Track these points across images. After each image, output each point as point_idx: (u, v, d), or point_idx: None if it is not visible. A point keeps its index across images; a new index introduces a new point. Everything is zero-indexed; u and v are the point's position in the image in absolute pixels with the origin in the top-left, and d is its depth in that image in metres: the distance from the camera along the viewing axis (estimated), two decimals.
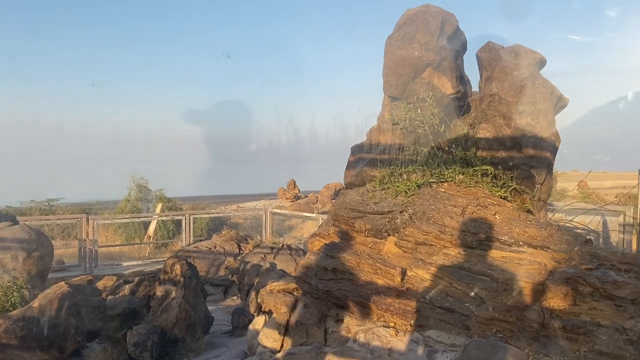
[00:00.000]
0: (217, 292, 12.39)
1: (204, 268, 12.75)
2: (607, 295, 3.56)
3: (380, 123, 6.52)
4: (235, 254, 13.52)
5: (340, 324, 4.75)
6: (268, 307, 5.29)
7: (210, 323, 8.65)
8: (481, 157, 5.44)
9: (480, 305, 4.05)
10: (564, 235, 4.45)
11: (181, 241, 15.40)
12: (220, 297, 12.27)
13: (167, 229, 19.42)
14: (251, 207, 25.63)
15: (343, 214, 5.50)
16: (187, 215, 15.50)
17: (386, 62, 6.03)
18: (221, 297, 12.25)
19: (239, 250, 13.93)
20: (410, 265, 4.65)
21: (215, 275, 12.72)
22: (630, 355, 3.30)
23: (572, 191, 21.78)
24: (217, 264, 12.99)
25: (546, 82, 5.46)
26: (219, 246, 13.89)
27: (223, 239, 14.39)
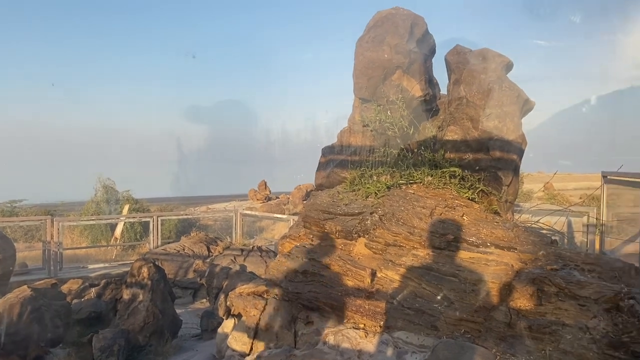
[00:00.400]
0: (185, 295, 12.23)
1: (172, 271, 12.55)
2: (572, 295, 3.64)
3: (350, 125, 6.53)
4: (204, 257, 13.36)
5: (311, 326, 4.73)
6: (237, 310, 5.23)
7: (179, 326, 8.52)
8: (449, 159, 5.51)
9: (449, 306, 4.09)
10: (530, 236, 4.53)
11: (149, 243, 15.15)
12: (189, 300, 12.11)
13: (134, 231, 19.10)
14: (221, 208, 25.40)
15: (314, 215, 5.49)
16: (155, 217, 15.24)
17: (356, 64, 6.05)
18: (190, 300, 12.09)
19: (208, 252, 13.77)
20: (380, 267, 4.67)
21: (184, 278, 12.54)
22: (594, 353, 3.38)
23: (538, 192, 22.28)
24: (186, 267, 12.81)
25: (513, 85, 5.57)
26: (188, 248, 13.70)
27: (192, 241, 14.20)
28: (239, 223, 16.16)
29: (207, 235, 15.29)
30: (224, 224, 20.42)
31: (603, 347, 3.37)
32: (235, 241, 15.49)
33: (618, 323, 3.39)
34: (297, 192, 28.08)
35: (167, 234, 18.30)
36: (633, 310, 3.37)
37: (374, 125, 6.01)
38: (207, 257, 13.25)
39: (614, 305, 3.47)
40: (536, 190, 21.85)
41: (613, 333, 3.38)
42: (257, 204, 28.62)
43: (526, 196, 19.56)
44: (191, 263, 12.79)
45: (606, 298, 3.51)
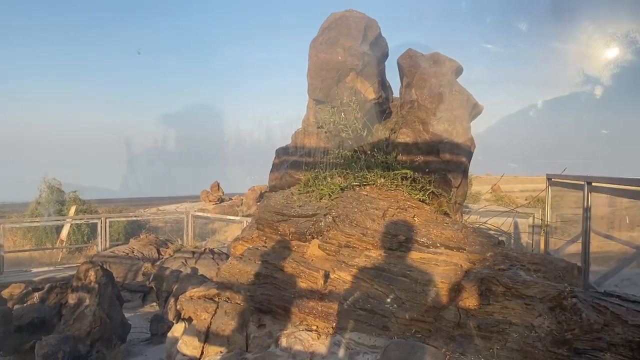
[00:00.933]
0: (134, 298, 11.96)
1: (121, 274, 12.24)
2: (518, 295, 3.75)
3: (305, 126, 6.53)
4: (154, 259, 13.08)
5: (263, 329, 4.69)
6: (188, 314, 5.13)
7: (127, 331, 8.31)
8: (401, 161, 5.59)
9: (400, 306, 4.14)
10: (478, 237, 4.64)
11: (96, 246, 14.70)
12: (138, 303, 11.85)
13: (81, 233, 18.51)
14: (172, 210, 24.89)
15: (267, 217, 5.45)
16: (103, 218, 14.81)
17: (310, 65, 6.05)
18: (139, 304, 11.84)
19: (158, 255, 13.49)
20: (333, 268, 4.68)
21: (133, 281, 12.26)
22: (539, 351, 3.49)
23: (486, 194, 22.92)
24: (135, 270, 12.52)
25: (462, 89, 5.70)
26: (137, 251, 13.38)
27: (141, 244, 13.88)
28: (190, 225, 15.90)
29: (157, 237, 15.00)
30: (175, 226, 20.03)
31: (547, 344, 3.48)
32: (186, 244, 15.24)
33: (561, 321, 3.52)
34: (250, 194, 27.86)
35: (115, 236, 17.82)
36: (575, 309, 3.50)
37: (328, 127, 6.02)
38: (157, 260, 12.99)
39: (557, 303, 3.59)
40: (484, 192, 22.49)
41: (557, 331, 3.50)
42: (210, 206, 28.21)
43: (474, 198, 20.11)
44: (140, 266, 12.52)
45: (550, 297, 3.63)
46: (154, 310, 10.41)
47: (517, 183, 30.10)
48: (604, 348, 3.36)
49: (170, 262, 12.12)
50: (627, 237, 11.25)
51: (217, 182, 30.75)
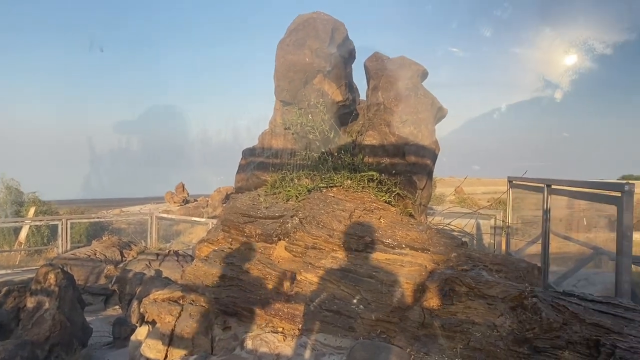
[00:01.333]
0: (97, 301, 11.70)
1: (83, 276, 11.96)
2: (481, 295, 3.83)
3: (272, 127, 6.51)
4: (117, 261, 12.81)
5: (228, 331, 4.65)
6: (151, 317, 5.04)
7: (89, 335, 8.11)
8: (368, 163, 5.64)
9: (366, 307, 4.17)
10: (442, 238, 4.72)
11: (57, 248, 14.32)
12: (100, 307, 11.60)
13: (41, 235, 18.01)
14: (136, 211, 24.45)
15: (233, 218, 5.41)
16: (64, 219, 14.42)
17: (278, 67, 6.04)
18: (101, 307, 11.58)
19: (121, 257, 13.22)
20: (299, 270, 4.68)
21: (95, 284, 11.98)
22: (501, 350, 3.57)
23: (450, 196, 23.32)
24: (97, 272, 12.24)
25: (428, 93, 5.79)
26: (100, 253, 13.08)
27: (104, 246, 13.57)
28: (154, 227, 15.65)
29: (121, 239, 14.70)
30: (139, 227, 19.66)
31: (509, 343, 3.56)
32: (150, 245, 14.99)
33: (522, 320, 3.61)
34: (216, 195, 27.61)
35: (77, 238, 17.40)
36: (536, 308, 3.59)
37: (295, 129, 6.02)
38: (120, 262, 12.74)
39: (519, 303, 3.68)
40: (448, 194, 22.87)
41: (518, 330, 3.58)
42: (174, 207, 27.82)
43: (439, 199, 20.44)
44: (103, 268, 12.25)
45: (512, 297, 3.72)
46: (117, 314, 10.21)
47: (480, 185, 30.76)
48: (563, 346, 3.47)
49: (133, 265, 11.89)
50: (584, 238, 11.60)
51: (182, 183, 30.37)
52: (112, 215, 21.12)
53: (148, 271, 11.06)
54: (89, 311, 10.36)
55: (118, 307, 10.74)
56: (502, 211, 9.60)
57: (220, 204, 24.66)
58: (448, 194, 22.91)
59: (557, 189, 6.73)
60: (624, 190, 5.01)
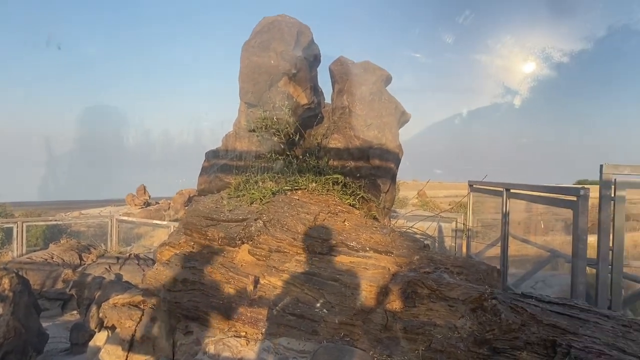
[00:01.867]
0: (53, 307, 11.38)
1: (39, 281, 11.60)
2: (442, 297, 3.88)
3: (236, 129, 6.46)
4: (75, 265, 12.47)
5: (190, 336, 4.58)
6: (111, 322, 4.92)
7: (45, 341, 7.87)
8: (332, 166, 5.65)
9: (330, 310, 4.17)
10: (405, 241, 4.77)
11: (12, 251, 13.84)
12: (57, 312, 11.29)
13: None
14: (95, 214, 23.84)
15: (195, 221, 5.34)
16: (20, 222, 13.99)
17: (242, 68, 6.00)
18: (59, 312, 11.28)
19: (80, 261, 12.88)
20: (263, 273, 4.65)
21: (52, 288, 11.63)
22: (461, 351, 3.62)
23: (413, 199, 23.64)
24: (54, 276, 11.88)
25: (391, 97, 5.85)
26: (57, 257, 12.71)
27: (62, 249, 13.20)
28: (114, 230, 15.32)
29: (79, 242, 14.34)
30: (99, 230, 19.18)
31: (469, 344, 3.63)
32: (110, 249, 14.65)
33: (482, 322, 3.67)
34: (178, 198, 27.25)
35: (33, 241, 16.84)
36: (495, 310, 3.66)
37: (260, 131, 5.99)
38: (79, 266, 12.40)
39: (479, 305, 3.75)
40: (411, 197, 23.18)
41: (478, 331, 3.65)
42: (135, 210, 27.30)
43: (402, 203, 20.69)
44: (60, 272, 11.91)
45: (472, 299, 3.78)
46: (75, 319, 9.94)
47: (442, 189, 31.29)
48: (521, 347, 3.55)
49: (93, 268, 11.61)
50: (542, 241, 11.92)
51: (143, 186, 29.85)
52: (71, 218, 20.54)
53: (108, 275, 10.81)
54: (46, 317, 10.06)
55: (76, 313, 10.45)
56: (463, 214, 9.78)
57: (183, 207, 24.34)
58: (411, 198, 23.22)
59: (516, 193, 6.90)
60: (580, 194, 5.18)
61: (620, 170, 5.34)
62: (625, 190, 5.30)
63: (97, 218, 19.44)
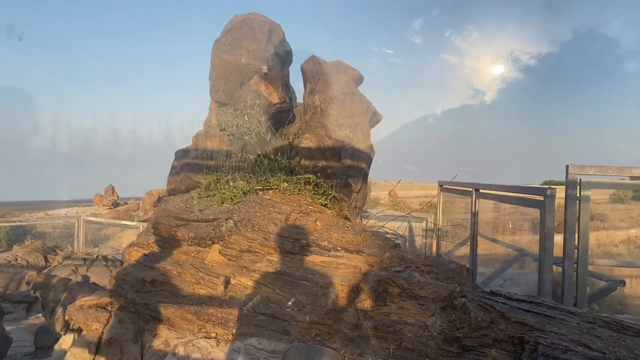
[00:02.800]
0: (17, 309, 11.10)
1: (2, 283, 11.32)
2: (413, 295, 3.90)
3: (207, 128, 6.38)
4: (41, 267, 12.17)
5: (159, 338, 4.50)
6: (77, 325, 4.81)
7: (9, 345, 7.65)
8: (304, 165, 5.64)
9: (301, 310, 4.15)
10: (376, 240, 4.79)
11: None
12: (21, 315, 11.01)
13: None
14: (62, 214, 23.32)
15: (165, 222, 5.25)
16: None
17: (213, 66, 5.93)
18: (23, 315, 11.00)
19: (45, 262, 12.59)
20: (234, 274, 4.60)
21: (16, 291, 11.34)
22: (432, 349, 3.65)
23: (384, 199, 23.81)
24: (19, 279, 11.58)
25: (363, 97, 5.87)
26: (21, 258, 12.39)
27: (26, 250, 12.87)
28: (81, 230, 15.00)
29: (45, 243, 14.01)
30: (65, 231, 18.76)
31: (440, 342, 3.66)
32: (77, 250, 14.34)
33: (452, 320, 3.71)
34: (148, 198, 26.88)
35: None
36: (465, 308, 3.70)
37: (231, 130, 5.93)
38: (45, 268, 12.11)
39: (449, 303, 3.79)
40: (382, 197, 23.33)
41: (448, 329, 3.68)
42: (104, 210, 26.81)
43: (373, 202, 20.82)
44: (25, 275, 11.60)
45: (442, 297, 3.82)
46: (40, 322, 9.71)
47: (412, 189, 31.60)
48: (490, 344, 3.59)
49: (59, 270, 11.34)
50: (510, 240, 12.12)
51: (111, 186, 29.37)
52: (36, 219, 20.06)
53: (75, 277, 10.57)
54: (9, 320, 9.81)
55: (41, 316, 10.21)
56: (433, 214, 9.88)
57: (152, 207, 24.00)
58: (382, 197, 23.39)
59: (485, 192, 7.00)
60: (547, 194, 5.28)
61: (586, 170, 5.47)
62: (590, 190, 5.43)
63: (63, 219, 19.03)
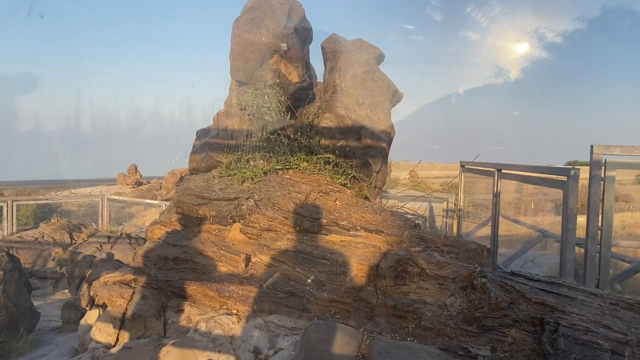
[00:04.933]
0: (45, 285, 11.40)
1: (30, 260, 11.60)
2: (432, 275, 3.91)
3: (227, 108, 6.39)
4: (66, 244, 12.45)
5: (181, 314, 4.59)
6: (102, 300, 4.93)
7: (36, 319, 7.89)
8: (324, 145, 5.63)
9: (320, 288, 4.19)
10: (396, 220, 4.78)
11: (2, 230, 13.79)
12: (48, 291, 11.31)
13: None
14: (86, 193, 23.75)
15: (187, 200, 5.32)
16: (10, 201, 13.89)
17: (233, 46, 5.91)
18: (50, 291, 11.29)
19: (71, 240, 12.86)
20: (254, 252, 4.65)
21: (43, 267, 11.64)
22: (451, 329, 3.66)
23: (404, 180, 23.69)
24: (45, 255, 11.88)
25: (384, 76, 5.81)
26: (48, 236, 12.68)
27: (52, 228, 13.16)
28: (105, 209, 15.28)
29: (70, 221, 14.30)
30: (90, 210, 19.13)
31: (459, 322, 3.67)
32: (101, 228, 14.62)
33: (472, 300, 3.71)
34: (170, 177, 27.17)
35: (24, 220, 16.79)
36: (485, 288, 3.70)
37: (251, 109, 5.93)
38: (70, 245, 12.39)
39: (468, 283, 3.78)
40: (402, 177, 23.22)
41: (467, 309, 3.69)
42: (127, 189, 27.21)
43: (393, 183, 20.75)
44: (51, 251, 11.90)
45: (462, 277, 3.82)
46: (66, 298, 9.97)
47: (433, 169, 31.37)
48: (510, 324, 3.59)
49: (84, 247, 11.60)
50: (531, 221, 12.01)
51: (134, 165, 29.74)
52: (62, 197, 20.46)
53: (99, 254, 10.81)
54: (37, 295, 10.09)
55: (67, 291, 10.48)
56: (454, 194, 9.83)
57: (174, 186, 24.28)
58: (402, 178, 23.26)
59: (507, 173, 6.92)
60: (570, 175, 5.20)
61: (611, 150, 5.37)
62: (615, 171, 5.34)
63: (88, 197, 19.38)
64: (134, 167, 29.76)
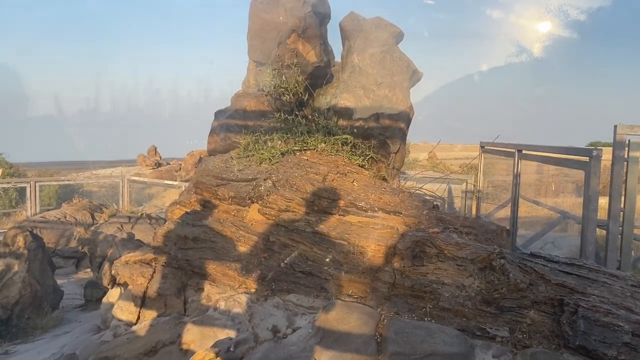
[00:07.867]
0: (68, 264, 11.65)
1: (53, 239, 11.84)
2: (451, 256, 3.89)
3: (245, 88, 6.40)
4: (88, 224, 12.68)
5: (201, 292, 4.66)
6: (123, 279, 5.02)
7: (60, 297, 8.08)
8: (342, 126, 5.60)
9: (338, 268, 4.21)
10: (414, 201, 4.76)
11: (25, 211, 14.08)
12: (71, 269, 11.56)
13: (9, 198, 17.66)
14: (107, 174, 24.07)
15: (205, 181, 5.35)
16: (33, 182, 14.15)
17: (251, 25, 5.89)
18: (73, 270, 11.55)
19: (92, 220, 13.08)
20: (272, 232, 4.68)
21: (66, 247, 11.88)
22: (469, 310, 3.66)
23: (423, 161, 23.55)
24: (68, 235, 12.11)
25: (403, 55, 5.73)
26: (70, 216, 12.91)
27: (74, 208, 13.39)
28: (126, 190, 15.49)
29: (92, 202, 14.54)
30: (110, 190, 19.43)
31: (477, 303, 3.66)
32: (122, 208, 14.84)
33: (490, 281, 3.69)
34: (189, 159, 27.36)
35: (46, 200, 17.13)
36: (504, 269, 3.68)
37: (269, 90, 5.92)
38: (91, 225, 12.62)
39: (487, 264, 3.76)
40: (421, 159, 23.07)
41: (486, 290, 3.67)
42: (147, 170, 27.50)
43: (412, 164, 20.65)
44: (73, 231, 12.12)
45: (481, 258, 3.80)
46: (88, 277, 10.18)
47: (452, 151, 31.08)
48: (529, 306, 3.57)
49: (105, 227, 11.79)
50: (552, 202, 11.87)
51: (154, 146, 30.01)
52: (83, 178, 20.77)
53: (120, 234, 10.98)
54: (60, 274, 10.31)
55: (89, 270, 10.70)
56: (473, 176, 9.74)
57: (193, 168, 24.47)
58: (421, 159, 23.14)
59: (528, 154, 6.83)
60: (592, 155, 5.11)
61: (635, 130, 5.26)
62: (639, 151, 5.23)
63: (108, 178, 19.64)
64: (153, 148, 30.02)
